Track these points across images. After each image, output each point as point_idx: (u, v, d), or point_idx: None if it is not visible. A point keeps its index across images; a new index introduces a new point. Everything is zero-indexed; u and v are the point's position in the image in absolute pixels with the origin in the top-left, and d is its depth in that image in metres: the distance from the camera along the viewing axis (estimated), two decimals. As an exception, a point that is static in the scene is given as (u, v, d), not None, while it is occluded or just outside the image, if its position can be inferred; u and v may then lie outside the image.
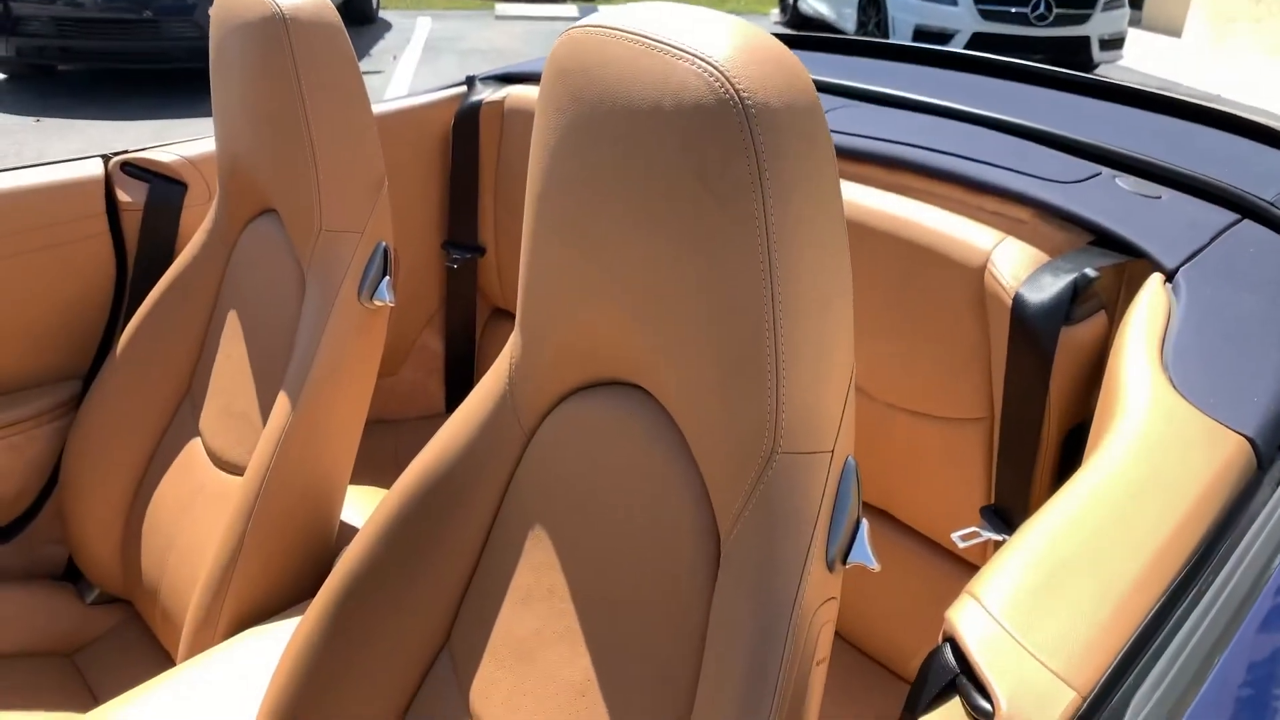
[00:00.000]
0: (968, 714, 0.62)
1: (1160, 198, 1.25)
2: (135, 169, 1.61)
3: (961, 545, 1.08)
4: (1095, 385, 1.13)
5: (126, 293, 1.63)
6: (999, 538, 1.16)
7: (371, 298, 1.30)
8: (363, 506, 1.54)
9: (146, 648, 1.44)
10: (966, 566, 1.32)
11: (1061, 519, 0.73)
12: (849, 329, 0.76)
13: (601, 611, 0.85)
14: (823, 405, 0.75)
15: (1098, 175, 1.31)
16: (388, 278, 1.31)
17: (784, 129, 0.68)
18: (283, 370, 1.33)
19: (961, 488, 1.27)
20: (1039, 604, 0.66)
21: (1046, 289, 1.10)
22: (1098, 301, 1.14)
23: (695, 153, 0.70)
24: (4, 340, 1.53)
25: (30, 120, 5.98)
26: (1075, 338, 1.11)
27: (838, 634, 1.50)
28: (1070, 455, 1.15)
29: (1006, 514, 1.19)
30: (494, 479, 0.94)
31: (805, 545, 0.75)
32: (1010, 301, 1.12)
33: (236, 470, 1.36)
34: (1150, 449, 0.79)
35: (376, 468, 1.86)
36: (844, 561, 0.77)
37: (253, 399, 1.37)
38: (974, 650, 0.63)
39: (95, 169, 1.58)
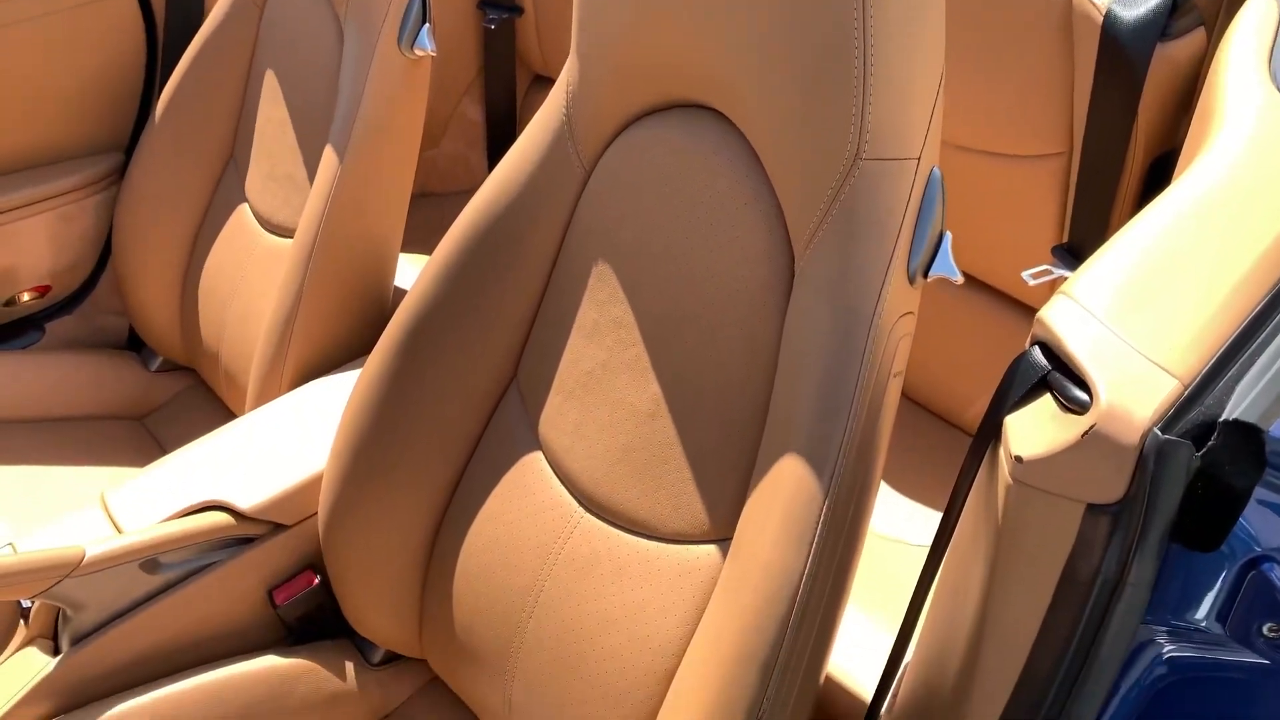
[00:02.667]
0: (1061, 408, 0.60)
1: None
2: None
3: (1031, 283, 1.05)
4: (1186, 110, 1.06)
5: (159, 59, 1.57)
6: (1070, 274, 1.12)
7: (412, 46, 1.23)
8: (416, 272, 1.53)
9: (213, 409, 1.48)
10: (1029, 313, 1.29)
11: (1162, 220, 0.69)
12: (941, 21, 0.70)
13: (669, 339, 0.84)
14: (911, 108, 0.71)
15: None
16: (428, 25, 1.24)
17: None
18: (325, 128, 1.29)
19: (1031, 230, 1.23)
20: (1138, 299, 0.63)
21: (1141, 3, 1.01)
22: (1196, 16, 1.05)
23: None
24: (40, 108, 1.50)
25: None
26: (1170, 56, 1.03)
27: None
28: (1153, 186, 1.10)
29: (1080, 251, 1.15)
30: (555, 214, 0.91)
31: (886, 256, 0.72)
32: (1100, 18, 1.04)
33: (286, 233, 1.34)
34: (1258, 153, 0.74)
35: (423, 240, 1.83)
36: (925, 275, 0.75)
37: (298, 159, 1.34)
38: (1070, 343, 0.60)
39: None
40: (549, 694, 0.88)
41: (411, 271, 1.53)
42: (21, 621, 0.97)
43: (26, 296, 1.52)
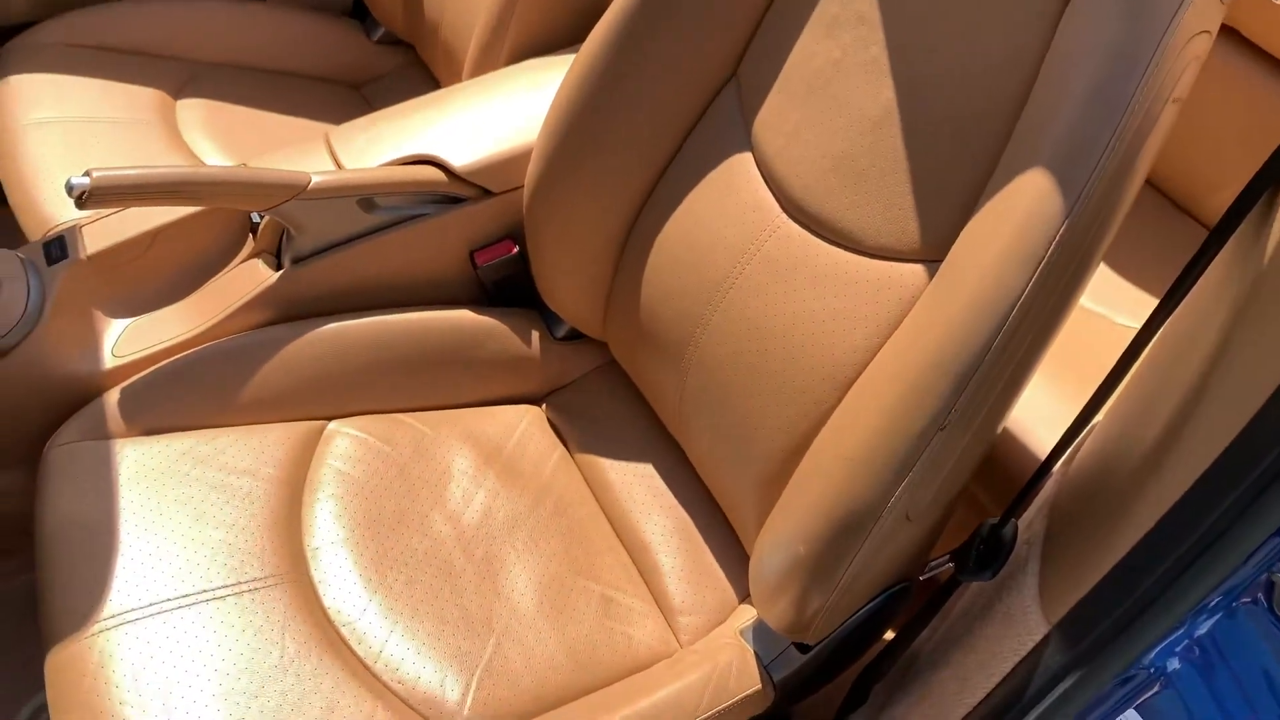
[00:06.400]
0: None
1: None
2: None
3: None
4: None
5: None
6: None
7: None
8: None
9: (428, 85, 1.50)
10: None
11: None
12: None
13: (917, 40, 0.77)
14: None
15: None
16: None
17: None
18: None
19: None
20: None
21: None
22: None
23: None
24: None
25: None
26: None
27: None
28: None
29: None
30: None
31: None
32: None
33: None
34: None
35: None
36: (1236, -9, 0.65)
37: None
38: None
39: None
40: (723, 384, 0.89)
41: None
42: (250, 236, 1.04)
43: (261, -51, 1.54)
